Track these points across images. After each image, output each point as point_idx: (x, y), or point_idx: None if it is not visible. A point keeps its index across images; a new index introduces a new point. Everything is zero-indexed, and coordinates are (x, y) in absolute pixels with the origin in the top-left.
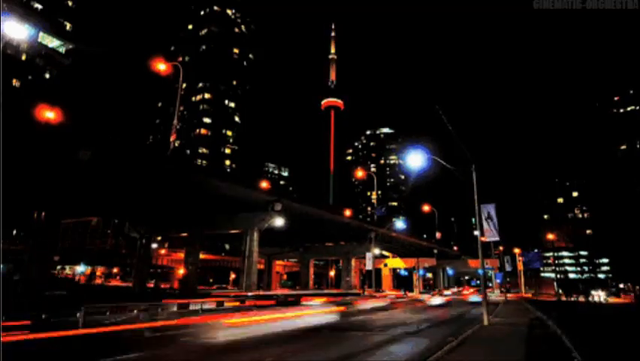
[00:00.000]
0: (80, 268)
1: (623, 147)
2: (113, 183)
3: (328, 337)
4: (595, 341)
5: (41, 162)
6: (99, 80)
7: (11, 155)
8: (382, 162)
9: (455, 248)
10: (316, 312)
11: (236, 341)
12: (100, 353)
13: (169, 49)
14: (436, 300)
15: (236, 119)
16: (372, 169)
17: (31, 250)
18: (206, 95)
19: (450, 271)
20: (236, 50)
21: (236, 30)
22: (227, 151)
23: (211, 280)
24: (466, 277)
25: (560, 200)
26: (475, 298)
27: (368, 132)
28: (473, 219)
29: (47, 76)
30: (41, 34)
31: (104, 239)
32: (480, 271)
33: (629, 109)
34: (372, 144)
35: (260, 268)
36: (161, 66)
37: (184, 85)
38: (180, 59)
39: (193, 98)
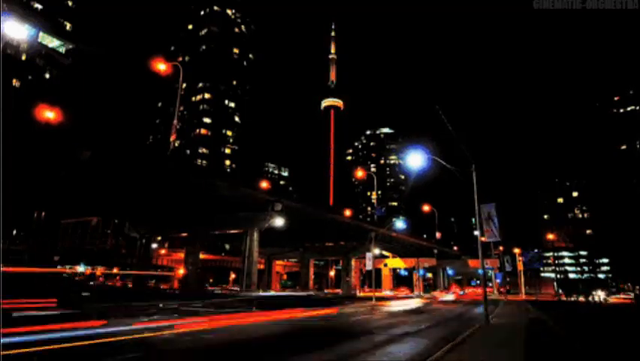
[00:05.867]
0: (80, 268)
1: (623, 147)
2: (113, 183)
3: None
4: (595, 341)
5: (41, 162)
6: (99, 80)
7: (11, 155)
8: (382, 162)
9: (455, 248)
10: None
11: None
12: None
13: (169, 49)
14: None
15: (236, 119)
16: (372, 169)
17: (31, 250)
18: (206, 95)
19: (450, 271)
20: (236, 50)
21: (236, 30)
22: (227, 151)
23: (211, 280)
24: (467, 277)
25: (560, 200)
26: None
27: (368, 132)
28: (473, 219)
29: (47, 76)
30: (41, 34)
31: (104, 239)
32: (480, 271)
33: (629, 109)
34: (372, 144)
35: (260, 268)
36: (161, 66)
37: (184, 85)
38: (180, 59)
39: (193, 98)
